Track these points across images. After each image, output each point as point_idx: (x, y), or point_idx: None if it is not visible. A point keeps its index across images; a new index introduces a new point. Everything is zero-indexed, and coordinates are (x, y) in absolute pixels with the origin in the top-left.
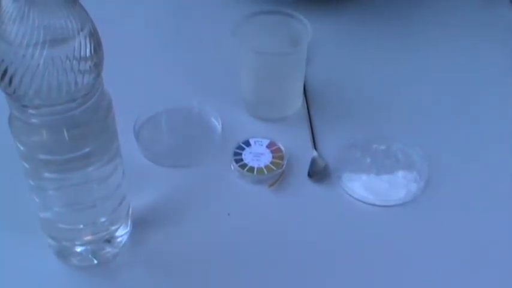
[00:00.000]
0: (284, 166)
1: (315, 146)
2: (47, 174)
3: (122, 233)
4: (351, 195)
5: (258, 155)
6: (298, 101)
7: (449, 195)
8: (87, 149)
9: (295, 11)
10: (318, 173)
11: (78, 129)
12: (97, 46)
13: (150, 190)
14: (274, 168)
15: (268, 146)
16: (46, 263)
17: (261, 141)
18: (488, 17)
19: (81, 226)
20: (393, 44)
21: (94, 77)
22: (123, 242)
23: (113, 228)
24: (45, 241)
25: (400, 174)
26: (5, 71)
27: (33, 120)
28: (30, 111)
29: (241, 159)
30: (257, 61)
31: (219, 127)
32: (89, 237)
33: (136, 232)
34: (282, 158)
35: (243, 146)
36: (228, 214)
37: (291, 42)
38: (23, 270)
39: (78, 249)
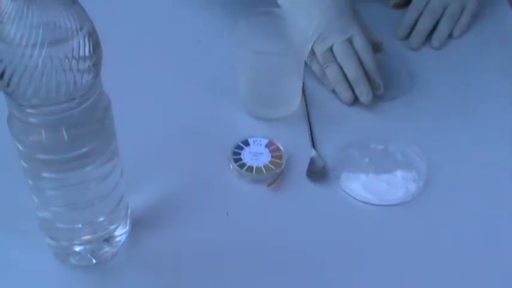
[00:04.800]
0: (283, 165)
1: (313, 146)
2: (45, 174)
3: (120, 232)
4: (349, 195)
5: (256, 155)
6: (297, 101)
7: (448, 195)
8: (85, 149)
9: None
10: (316, 172)
11: (77, 128)
12: (96, 46)
13: (149, 189)
14: (273, 167)
15: (267, 146)
16: (45, 263)
17: (260, 141)
18: (488, 17)
19: (80, 226)
20: (392, 43)
21: (93, 76)
22: (121, 241)
23: (112, 227)
24: (44, 241)
25: (399, 174)
26: (4, 71)
27: (32, 120)
28: (29, 110)
29: (240, 159)
30: (255, 61)
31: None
32: (87, 237)
33: (135, 231)
34: (280, 157)
35: (242, 145)
36: (227, 213)
37: (289, 43)
38: (22, 270)
39: (77, 248)
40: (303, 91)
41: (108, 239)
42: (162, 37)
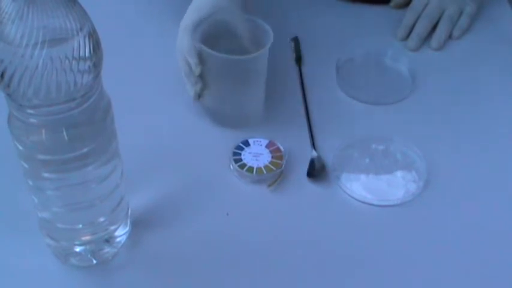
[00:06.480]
0: (283, 166)
1: (314, 146)
2: (45, 174)
3: (121, 233)
4: (349, 195)
5: (257, 155)
6: (260, 109)
7: (448, 195)
8: (85, 149)
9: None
10: (316, 173)
11: (77, 129)
12: (96, 46)
13: (149, 190)
14: (273, 168)
15: (267, 146)
16: (45, 263)
17: (260, 141)
18: (488, 17)
19: (80, 226)
20: (393, 44)
21: (93, 77)
22: (122, 242)
23: (112, 228)
24: (44, 241)
25: (399, 174)
26: (4, 71)
27: (32, 120)
28: (29, 111)
29: (241, 159)
30: (216, 65)
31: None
32: (87, 237)
33: (136, 232)
34: (281, 158)
35: (242, 146)
36: (227, 214)
37: (254, 48)
38: (22, 270)
39: (77, 249)
40: (303, 91)
41: (109, 240)
42: (162, 37)
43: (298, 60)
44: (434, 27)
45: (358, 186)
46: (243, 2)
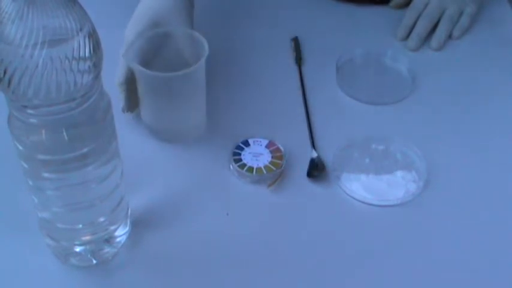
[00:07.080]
0: (283, 166)
1: (314, 146)
2: (45, 174)
3: (121, 233)
4: (349, 195)
5: (257, 155)
6: (201, 122)
7: (448, 195)
8: (85, 149)
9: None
10: (317, 173)
11: (77, 129)
12: (96, 46)
13: (149, 190)
14: (273, 168)
15: (267, 146)
16: (45, 263)
17: (260, 141)
18: (489, 18)
19: (80, 226)
20: (393, 44)
21: (93, 77)
22: (122, 242)
23: (112, 228)
24: (44, 241)
25: (399, 174)
26: (4, 71)
27: (32, 120)
28: (29, 111)
29: (240, 159)
30: (148, 82)
31: None
32: (87, 237)
33: (136, 232)
34: (281, 158)
35: (242, 146)
36: (227, 214)
37: (195, 61)
38: (22, 270)
39: (77, 249)
40: (303, 91)
41: (109, 240)
42: None
43: (298, 60)
44: (434, 27)
45: (358, 186)
46: (186, 15)
